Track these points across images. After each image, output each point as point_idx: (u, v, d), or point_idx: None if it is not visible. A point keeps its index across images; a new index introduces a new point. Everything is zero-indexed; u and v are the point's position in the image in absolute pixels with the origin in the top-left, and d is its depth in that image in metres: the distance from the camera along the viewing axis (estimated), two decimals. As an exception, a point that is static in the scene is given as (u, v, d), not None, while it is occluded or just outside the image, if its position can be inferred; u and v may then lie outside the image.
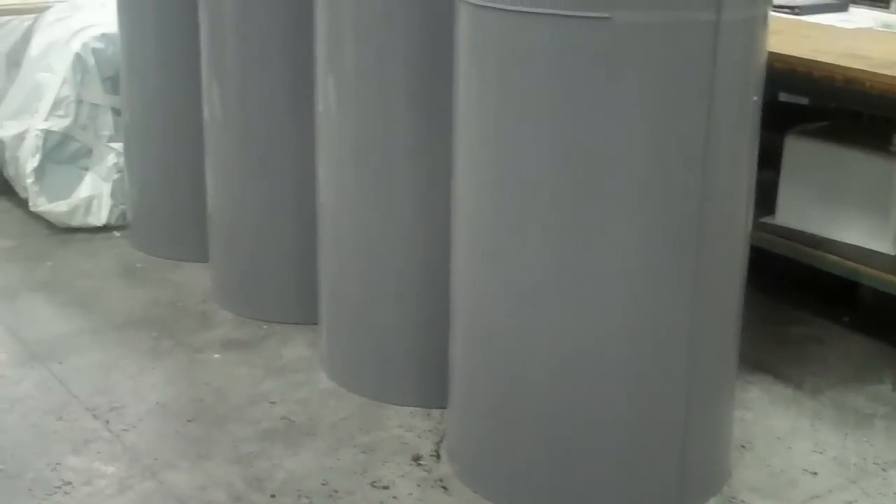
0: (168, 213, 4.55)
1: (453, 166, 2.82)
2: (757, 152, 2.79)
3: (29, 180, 4.72)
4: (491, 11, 2.53)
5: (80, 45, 4.79)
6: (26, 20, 5.24)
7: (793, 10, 4.07)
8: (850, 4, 4.33)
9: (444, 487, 2.97)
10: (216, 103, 3.96)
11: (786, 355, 3.73)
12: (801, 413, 3.39)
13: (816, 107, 4.30)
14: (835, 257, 3.60)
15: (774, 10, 3.00)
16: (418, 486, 2.98)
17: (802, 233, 3.73)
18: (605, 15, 2.39)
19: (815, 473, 3.08)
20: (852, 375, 3.62)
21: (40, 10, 5.22)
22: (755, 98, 2.65)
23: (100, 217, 4.78)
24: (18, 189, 4.93)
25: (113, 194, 4.79)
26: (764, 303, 3.99)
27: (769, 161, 3.54)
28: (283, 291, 3.96)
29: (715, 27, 2.45)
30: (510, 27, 2.51)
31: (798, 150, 3.75)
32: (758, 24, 2.60)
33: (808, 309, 4.05)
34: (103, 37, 4.81)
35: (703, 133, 2.54)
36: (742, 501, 2.93)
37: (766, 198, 3.71)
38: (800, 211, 3.75)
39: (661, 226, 2.58)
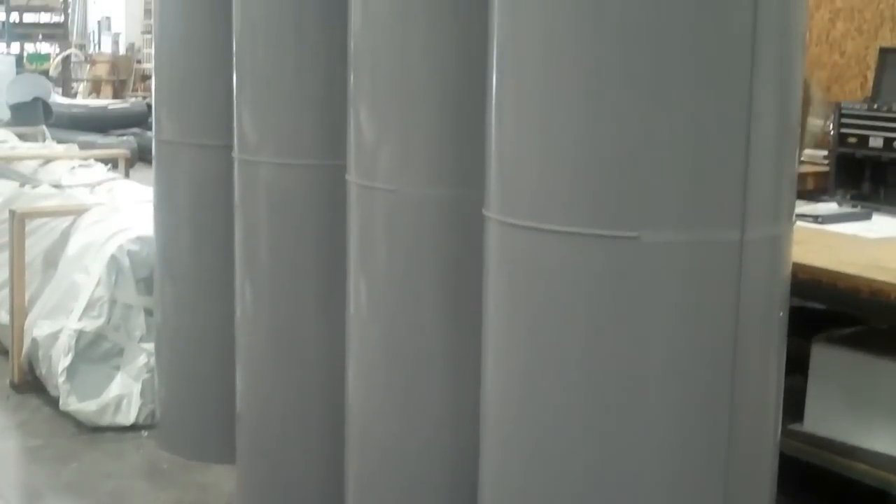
0: (196, 414, 4.57)
1: (482, 376, 2.84)
2: (784, 361, 2.80)
3: (60, 379, 4.77)
4: (520, 229, 2.59)
5: (115, 247, 4.91)
6: (64, 221, 5.38)
7: (816, 219, 4.14)
8: (874, 213, 4.39)
9: None
10: (248, 304, 4.02)
11: (819, 567, 3.66)
12: None
13: (844, 311, 4.32)
14: (865, 466, 3.56)
15: (798, 219, 3.06)
16: None
17: (832, 441, 3.69)
18: (632, 234, 2.45)
19: None
20: (888, 590, 3.54)
21: (79, 213, 5.36)
22: (781, 314, 2.68)
23: (128, 417, 4.81)
24: (49, 387, 4.97)
25: (142, 394, 4.83)
26: (795, 512, 3.93)
27: (797, 367, 3.55)
28: (310, 496, 3.94)
29: (739, 246, 2.50)
30: (539, 244, 2.56)
31: (825, 358, 3.75)
32: (782, 242, 2.65)
33: (841, 518, 3.99)
34: (139, 239, 4.93)
35: (730, 347, 2.56)
36: None
37: (794, 404, 3.70)
38: (828, 418, 3.73)
39: (690, 437, 2.58)
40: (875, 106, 5.47)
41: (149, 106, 13.25)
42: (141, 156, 11.81)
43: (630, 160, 2.44)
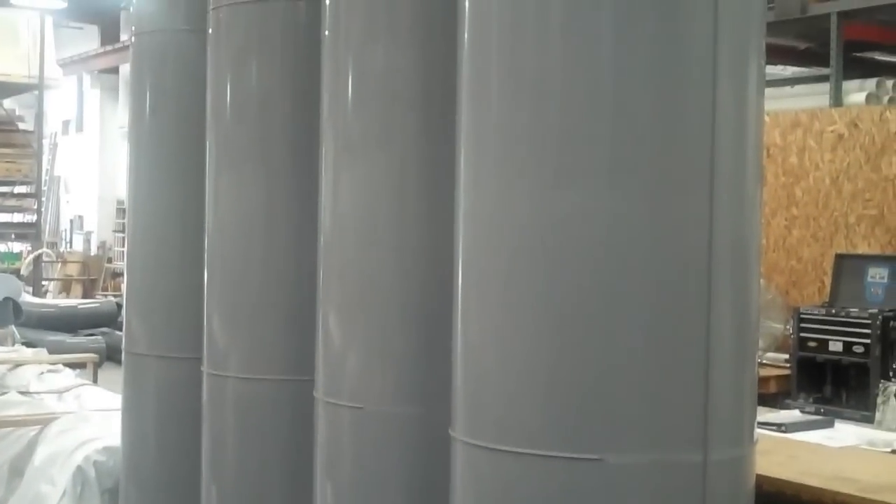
0: None
1: None
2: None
3: None
4: (486, 451, 2.62)
5: (82, 458, 4.89)
6: (32, 430, 5.36)
7: (779, 427, 4.18)
8: (836, 419, 4.44)
9: None
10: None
11: None
12: None
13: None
14: None
15: (761, 427, 3.10)
16: None
17: None
18: (596, 457, 2.48)
19: None
20: None
21: (46, 422, 5.34)
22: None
23: None
24: None
25: None
26: None
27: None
28: None
29: (702, 467, 2.53)
30: (504, 466, 2.59)
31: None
32: (744, 462, 2.69)
33: None
34: (105, 450, 4.92)
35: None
36: None
37: None
38: None
39: None
40: (833, 311, 5.59)
41: (118, 305, 13.31)
42: (109, 355, 11.78)
43: (592, 385, 2.50)
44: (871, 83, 7.46)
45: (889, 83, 7.53)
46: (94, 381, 7.27)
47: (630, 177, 2.53)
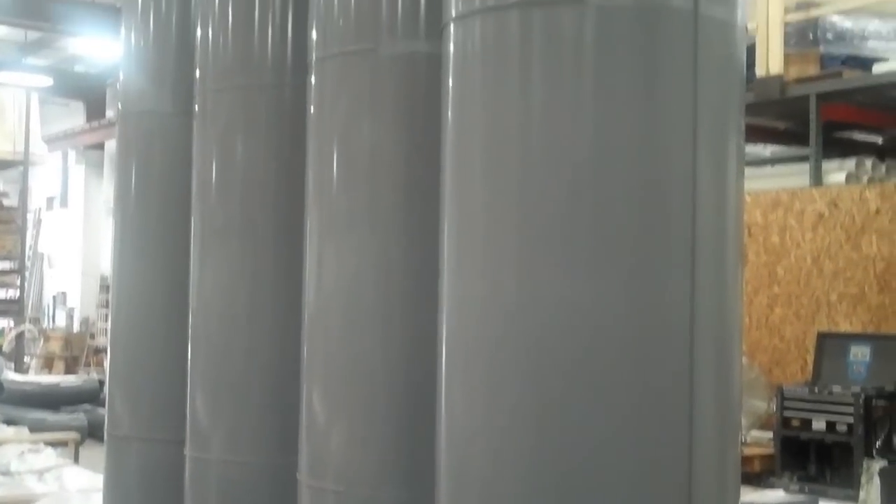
0: None
1: None
2: None
3: None
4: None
5: (63, 540, 4.83)
6: None
7: None
8: (820, 498, 4.43)
9: None
10: None
11: None
12: None
13: None
14: None
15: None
16: None
17: None
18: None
19: None
20: None
21: (26, 503, 5.29)
22: None
23: None
24: None
25: None
26: None
27: None
28: None
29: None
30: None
31: None
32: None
33: None
34: (87, 531, 4.87)
35: None
36: None
37: None
38: None
39: None
40: (816, 389, 5.60)
41: (101, 382, 13.18)
42: (91, 432, 11.68)
43: (576, 466, 2.49)
44: (850, 163, 7.53)
45: (868, 162, 7.61)
46: (76, 459, 7.21)
47: (612, 259, 2.54)
